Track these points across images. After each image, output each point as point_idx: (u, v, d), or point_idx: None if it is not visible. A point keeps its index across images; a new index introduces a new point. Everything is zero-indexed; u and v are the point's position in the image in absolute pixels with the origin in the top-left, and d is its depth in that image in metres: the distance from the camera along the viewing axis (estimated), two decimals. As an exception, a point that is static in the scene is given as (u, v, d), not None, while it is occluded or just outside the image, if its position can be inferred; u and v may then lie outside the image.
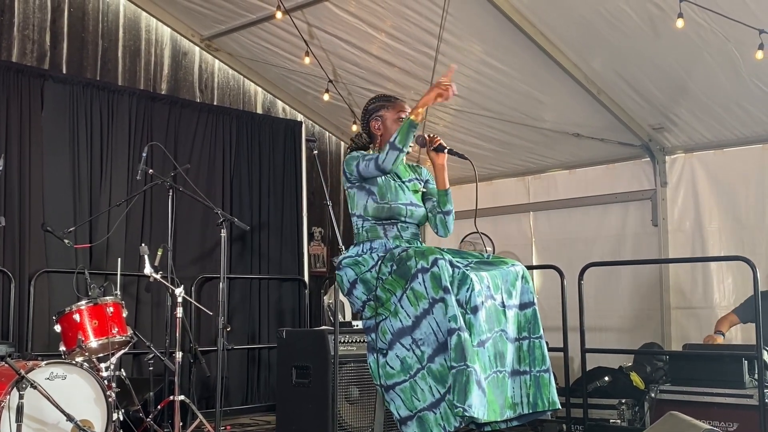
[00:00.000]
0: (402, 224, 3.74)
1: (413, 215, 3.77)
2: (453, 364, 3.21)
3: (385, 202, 3.71)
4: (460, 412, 3.15)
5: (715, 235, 6.71)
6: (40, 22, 6.61)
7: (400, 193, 3.77)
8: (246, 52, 7.58)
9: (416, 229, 3.83)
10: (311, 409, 5.28)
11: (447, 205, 3.85)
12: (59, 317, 4.99)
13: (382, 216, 3.71)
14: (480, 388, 3.21)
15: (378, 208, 3.70)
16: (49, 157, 6.40)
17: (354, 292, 3.65)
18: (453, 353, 3.21)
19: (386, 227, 3.72)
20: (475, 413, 3.17)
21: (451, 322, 3.24)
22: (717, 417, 5.24)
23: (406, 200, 3.77)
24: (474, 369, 3.20)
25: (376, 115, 3.87)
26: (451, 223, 3.87)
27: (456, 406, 3.16)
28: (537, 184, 7.97)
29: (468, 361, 3.20)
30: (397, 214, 3.72)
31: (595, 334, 6.72)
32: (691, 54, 5.77)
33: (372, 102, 3.94)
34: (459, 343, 3.21)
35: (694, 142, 6.80)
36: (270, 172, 7.98)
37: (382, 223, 3.72)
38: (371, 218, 3.72)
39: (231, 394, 7.34)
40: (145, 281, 6.64)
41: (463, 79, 6.79)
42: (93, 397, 4.60)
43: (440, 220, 3.87)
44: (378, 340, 3.53)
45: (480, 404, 3.20)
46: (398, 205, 3.72)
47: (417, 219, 3.81)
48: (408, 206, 3.76)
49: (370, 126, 3.89)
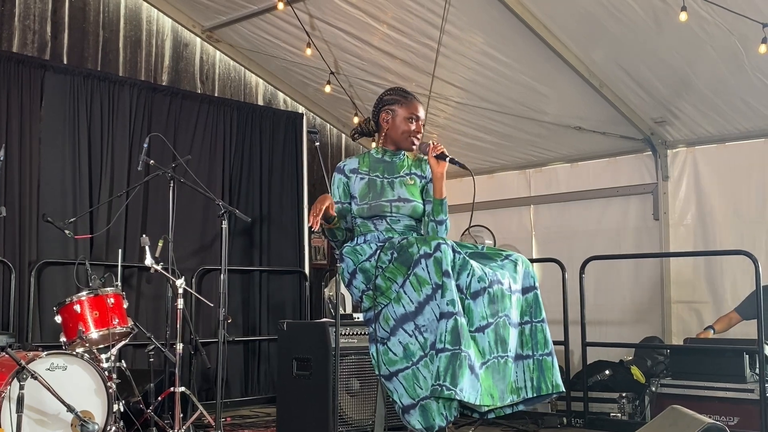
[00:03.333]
0: (391, 218, 3.74)
1: (400, 210, 3.74)
2: (447, 346, 3.21)
3: (365, 203, 3.74)
4: (452, 394, 3.16)
5: (716, 229, 6.70)
6: (41, 12, 6.59)
7: (386, 191, 3.76)
8: (247, 43, 7.56)
9: (410, 221, 3.77)
10: (312, 402, 5.28)
11: (440, 215, 3.76)
12: (60, 308, 4.98)
13: (365, 215, 3.74)
14: (473, 374, 3.22)
15: (359, 209, 3.75)
16: (49, 147, 6.39)
17: (353, 282, 3.65)
18: (448, 336, 3.22)
19: (375, 222, 3.74)
20: (465, 397, 3.18)
21: (449, 305, 3.25)
22: (717, 411, 5.25)
23: (393, 196, 3.75)
24: (468, 354, 3.21)
25: (389, 108, 3.84)
26: (442, 234, 3.75)
27: (448, 388, 3.16)
28: (538, 177, 7.96)
29: (462, 346, 3.21)
30: (380, 211, 3.72)
31: (595, 327, 6.73)
32: (694, 47, 5.75)
33: (388, 93, 3.90)
34: (455, 327, 3.22)
35: (696, 136, 6.79)
36: (271, 163, 7.97)
37: (371, 219, 3.74)
38: (358, 218, 3.77)
39: (231, 386, 7.34)
40: (145, 272, 6.65)
41: (464, 71, 6.79)
42: (93, 388, 4.59)
43: (432, 228, 3.79)
44: (379, 328, 3.52)
45: (471, 389, 3.21)
46: (379, 203, 3.72)
47: (407, 212, 3.75)
48: (393, 202, 3.73)
49: (380, 116, 3.87)
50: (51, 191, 6.36)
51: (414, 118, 3.81)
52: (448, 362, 3.20)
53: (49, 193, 6.34)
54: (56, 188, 6.40)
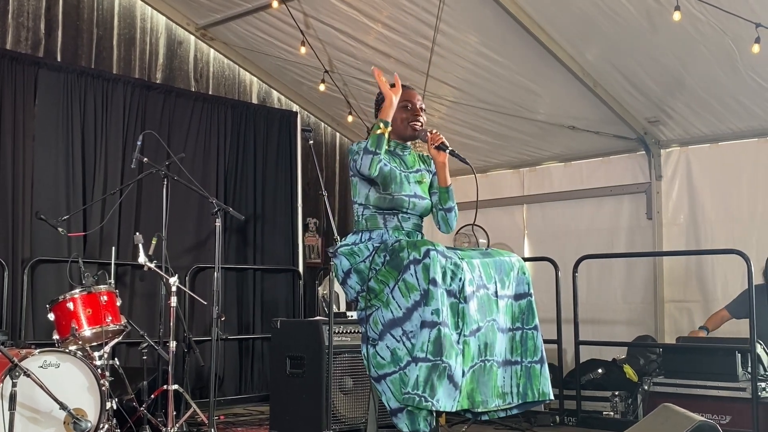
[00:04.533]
0: (403, 215, 3.72)
1: (415, 207, 3.75)
2: (429, 357, 3.21)
3: (387, 192, 3.68)
4: (429, 406, 3.18)
5: (709, 229, 6.72)
6: (35, 9, 6.57)
7: (404, 184, 3.74)
8: (241, 41, 7.55)
9: (418, 220, 3.80)
10: (305, 400, 5.28)
11: (448, 202, 3.82)
12: (53, 305, 4.97)
13: (383, 206, 3.69)
14: (451, 383, 3.23)
15: (380, 198, 3.68)
16: (43, 145, 6.37)
17: (348, 281, 3.65)
18: (431, 346, 3.22)
19: (387, 217, 3.70)
20: (441, 407, 3.20)
21: (434, 315, 3.24)
22: (710, 410, 5.26)
23: (410, 192, 3.74)
24: (448, 364, 3.22)
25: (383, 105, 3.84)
26: (453, 220, 3.85)
27: (426, 399, 3.18)
28: (532, 177, 7.97)
29: (444, 356, 3.21)
30: (398, 205, 3.70)
31: (588, 326, 6.74)
32: (687, 47, 5.76)
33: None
34: (439, 337, 3.22)
35: (689, 135, 6.81)
36: (265, 162, 7.96)
37: (383, 213, 3.70)
38: (372, 207, 3.70)
39: (225, 384, 7.34)
40: (139, 270, 6.63)
41: (458, 71, 6.79)
42: (86, 385, 4.58)
43: (441, 217, 3.86)
44: (369, 330, 3.53)
45: (448, 398, 3.22)
46: (401, 196, 3.70)
47: (419, 211, 3.78)
48: (411, 198, 3.73)
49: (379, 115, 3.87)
50: (44, 189, 6.35)
51: (408, 105, 3.81)
52: (429, 373, 3.20)
53: (42, 191, 6.33)
54: (50, 186, 6.38)
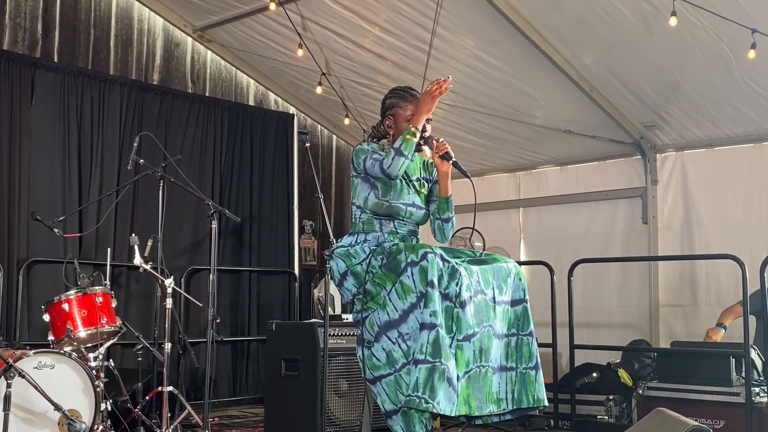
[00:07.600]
0: (399, 222, 3.73)
1: (412, 216, 3.76)
2: (428, 358, 3.22)
3: (385, 199, 3.69)
4: (430, 407, 3.18)
5: (704, 234, 6.73)
6: (32, 9, 6.57)
7: (404, 193, 3.75)
8: (239, 43, 7.55)
9: (414, 227, 3.81)
10: (300, 402, 5.27)
11: (446, 212, 3.81)
12: (48, 306, 4.96)
13: (380, 212, 3.70)
14: (450, 386, 3.24)
15: (377, 204, 3.69)
16: (39, 145, 6.37)
17: (344, 284, 3.65)
18: (430, 348, 3.23)
19: (383, 222, 3.71)
20: (441, 409, 3.21)
21: (432, 317, 3.26)
22: (704, 414, 5.27)
23: (408, 201, 3.75)
24: (447, 366, 3.22)
25: (390, 113, 3.85)
26: (449, 231, 3.83)
27: (427, 401, 3.18)
28: (528, 180, 7.98)
29: (442, 358, 3.22)
30: (395, 212, 3.71)
31: (583, 330, 6.75)
32: (683, 52, 5.78)
33: (388, 96, 3.90)
34: (437, 339, 3.23)
35: (685, 140, 6.82)
36: (261, 164, 7.96)
37: (379, 218, 3.71)
38: (369, 212, 3.72)
39: (219, 386, 7.33)
40: (134, 272, 6.63)
41: (455, 74, 6.76)
42: (81, 386, 4.58)
43: (438, 227, 3.86)
44: (365, 332, 3.53)
45: (448, 401, 3.23)
46: (398, 204, 3.70)
47: (416, 220, 3.79)
48: (408, 207, 3.74)
49: (384, 123, 3.87)
50: (40, 189, 6.35)
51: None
52: (428, 375, 3.21)
53: (38, 191, 6.33)
54: (46, 186, 6.38)
